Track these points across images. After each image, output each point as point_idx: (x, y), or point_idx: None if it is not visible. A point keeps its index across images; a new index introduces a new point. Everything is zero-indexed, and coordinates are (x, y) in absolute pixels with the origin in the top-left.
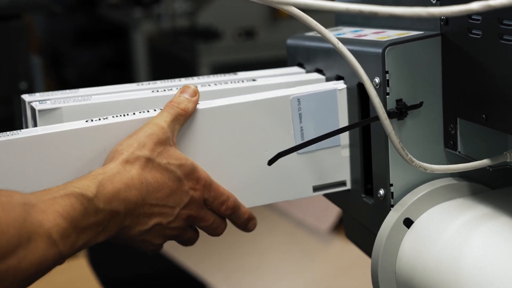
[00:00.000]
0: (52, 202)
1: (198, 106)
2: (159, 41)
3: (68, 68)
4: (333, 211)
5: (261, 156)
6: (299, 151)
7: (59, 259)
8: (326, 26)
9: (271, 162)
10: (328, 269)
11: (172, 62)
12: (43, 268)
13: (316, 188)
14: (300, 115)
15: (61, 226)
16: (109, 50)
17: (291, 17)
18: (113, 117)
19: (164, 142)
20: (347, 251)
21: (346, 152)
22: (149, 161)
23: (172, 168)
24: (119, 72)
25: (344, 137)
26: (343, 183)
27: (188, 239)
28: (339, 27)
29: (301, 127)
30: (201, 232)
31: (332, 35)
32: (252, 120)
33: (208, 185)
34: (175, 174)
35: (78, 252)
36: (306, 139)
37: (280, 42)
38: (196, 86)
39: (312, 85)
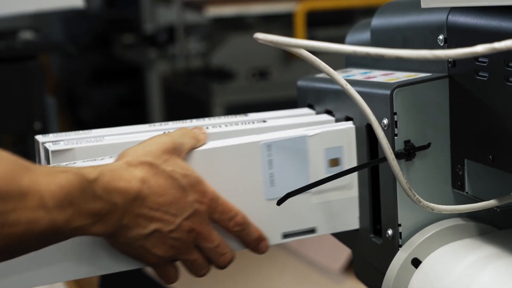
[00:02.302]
0: (48, 173)
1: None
2: (173, 81)
3: (83, 108)
4: (344, 251)
5: (232, 201)
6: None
7: (52, 229)
8: (336, 68)
9: (280, 202)
10: None
11: (187, 101)
12: (32, 231)
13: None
14: (270, 161)
15: (55, 193)
16: (124, 89)
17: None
18: None
19: (171, 151)
20: None
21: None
22: (153, 166)
23: (177, 176)
24: (134, 111)
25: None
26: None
27: (194, 262)
28: (349, 69)
29: (271, 173)
30: (213, 273)
31: (340, 76)
32: (224, 165)
33: (215, 200)
34: (179, 182)
35: (73, 236)
36: (276, 185)
37: (294, 83)
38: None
39: (284, 131)
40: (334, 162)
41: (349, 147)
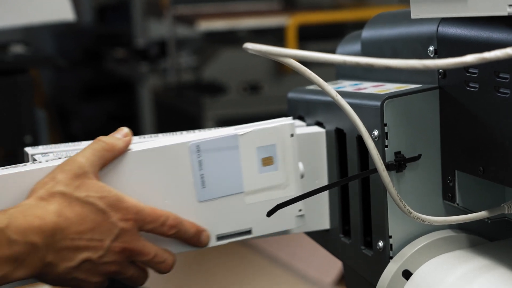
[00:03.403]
0: None
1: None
2: (164, 95)
3: (74, 122)
4: (336, 264)
5: (162, 204)
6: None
7: None
8: (327, 79)
9: (269, 213)
10: None
11: (178, 116)
12: None
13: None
14: (200, 162)
15: None
16: (115, 104)
17: (296, 72)
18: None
19: (81, 175)
20: None
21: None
22: (65, 196)
23: (92, 200)
24: (125, 126)
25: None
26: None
27: (132, 277)
28: (339, 81)
29: (202, 174)
30: (212, 278)
31: (331, 87)
32: (153, 167)
33: (140, 212)
34: (97, 206)
35: None
36: (208, 186)
37: (285, 97)
38: (130, 129)
39: (215, 131)
40: (267, 160)
41: (283, 145)
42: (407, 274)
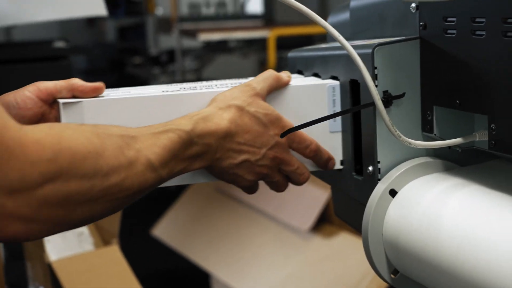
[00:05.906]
0: (151, 136)
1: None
2: None
3: None
4: (312, 215)
5: (305, 131)
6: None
7: (159, 181)
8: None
9: (283, 135)
10: (308, 259)
11: None
12: (144, 188)
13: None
14: (334, 100)
15: (160, 154)
16: None
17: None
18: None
19: (254, 95)
20: (322, 246)
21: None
22: (239, 108)
23: (259, 115)
24: None
25: (338, 124)
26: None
27: (277, 182)
28: (332, 42)
29: (334, 110)
30: (209, 229)
31: (334, 30)
32: (301, 101)
33: (293, 132)
34: (262, 120)
35: (175, 176)
36: (337, 120)
37: None
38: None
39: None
40: None
41: None
42: (393, 193)
